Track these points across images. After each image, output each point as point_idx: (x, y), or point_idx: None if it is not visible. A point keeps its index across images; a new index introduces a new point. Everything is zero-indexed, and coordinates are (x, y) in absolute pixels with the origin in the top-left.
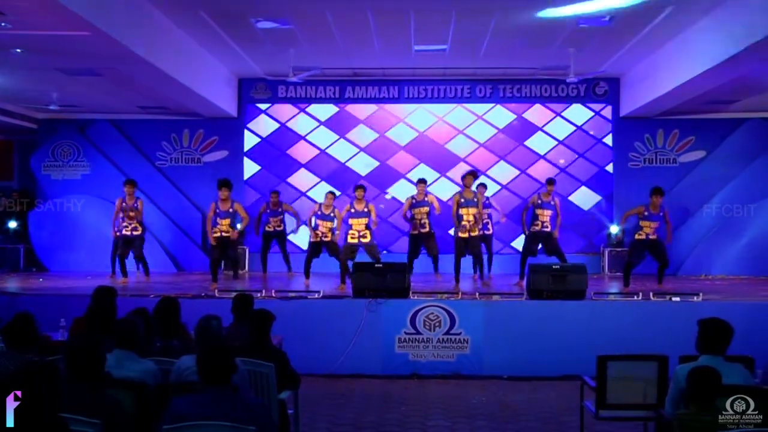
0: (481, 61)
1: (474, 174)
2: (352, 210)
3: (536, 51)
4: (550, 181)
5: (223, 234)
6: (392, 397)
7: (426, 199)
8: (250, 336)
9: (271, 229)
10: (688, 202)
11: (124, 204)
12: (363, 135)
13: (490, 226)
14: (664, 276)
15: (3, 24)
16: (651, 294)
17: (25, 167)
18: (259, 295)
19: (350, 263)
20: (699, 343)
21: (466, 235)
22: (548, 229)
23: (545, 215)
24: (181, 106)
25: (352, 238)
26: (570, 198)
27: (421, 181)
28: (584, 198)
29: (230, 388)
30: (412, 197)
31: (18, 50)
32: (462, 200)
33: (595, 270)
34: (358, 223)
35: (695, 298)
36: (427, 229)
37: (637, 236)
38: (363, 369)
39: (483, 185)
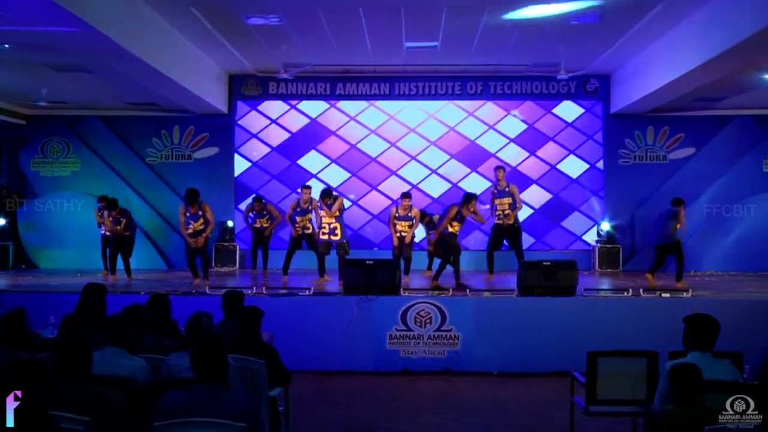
0: (472, 58)
1: (409, 196)
2: (324, 210)
3: (527, 48)
4: (500, 168)
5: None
6: (383, 393)
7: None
8: (240, 333)
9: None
10: None
11: (109, 219)
12: (354, 133)
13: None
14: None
15: None
16: (641, 290)
17: (14, 164)
18: (249, 291)
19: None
20: (686, 340)
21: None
22: (510, 222)
23: (504, 203)
24: (172, 102)
25: (323, 235)
26: (560, 194)
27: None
28: (574, 195)
29: (222, 384)
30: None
31: (6, 46)
32: (397, 214)
33: (585, 266)
34: (328, 221)
35: (685, 294)
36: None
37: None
38: (354, 365)
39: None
